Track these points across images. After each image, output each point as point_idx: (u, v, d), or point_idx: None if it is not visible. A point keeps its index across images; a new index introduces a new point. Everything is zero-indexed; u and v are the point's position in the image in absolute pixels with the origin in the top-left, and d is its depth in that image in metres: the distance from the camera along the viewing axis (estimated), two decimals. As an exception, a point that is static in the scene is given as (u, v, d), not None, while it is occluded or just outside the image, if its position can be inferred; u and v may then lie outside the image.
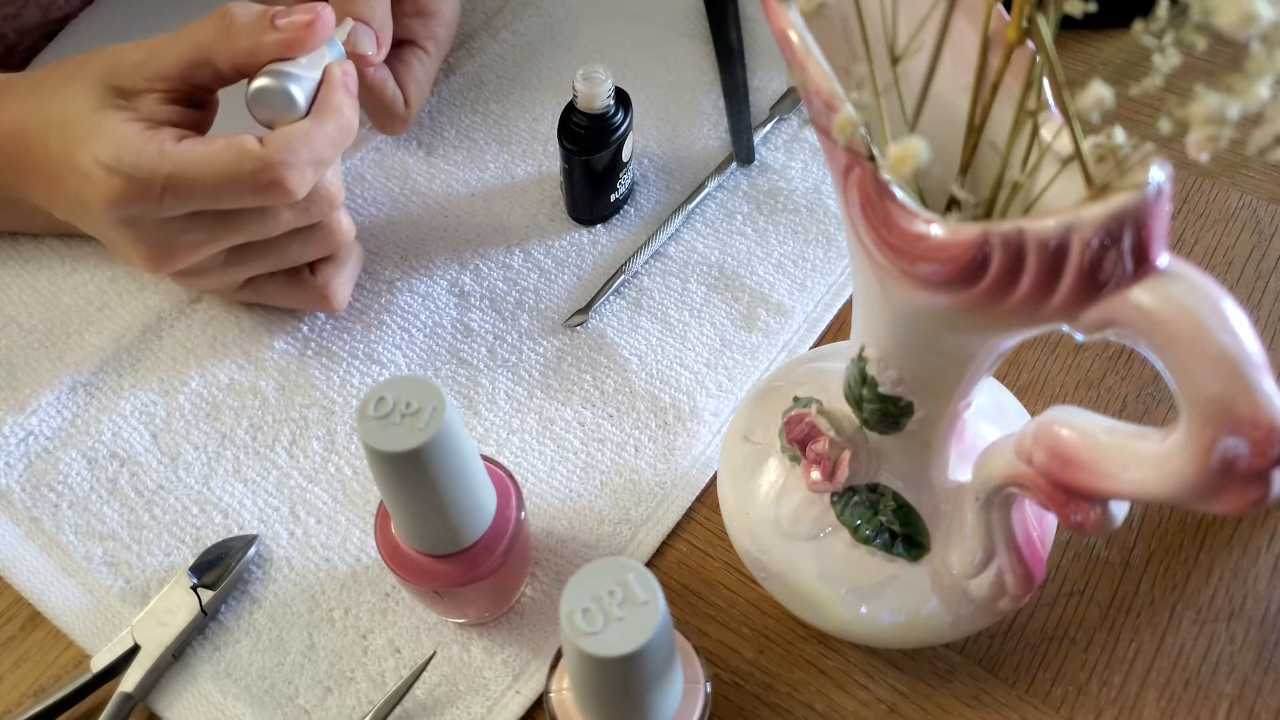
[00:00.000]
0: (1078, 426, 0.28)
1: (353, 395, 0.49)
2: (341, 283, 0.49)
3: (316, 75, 0.44)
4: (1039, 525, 0.36)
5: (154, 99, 0.43)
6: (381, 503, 0.40)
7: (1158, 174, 0.24)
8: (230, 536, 0.45)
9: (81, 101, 0.42)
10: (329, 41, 0.45)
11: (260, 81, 0.42)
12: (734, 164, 0.57)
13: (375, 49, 0.49)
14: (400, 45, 0.54)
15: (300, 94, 0.43)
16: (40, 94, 0.44)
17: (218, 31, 0.43)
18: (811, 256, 0.53)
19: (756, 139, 0.57)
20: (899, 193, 0.26)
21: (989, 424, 0.38)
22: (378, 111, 0.53)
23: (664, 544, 0.46)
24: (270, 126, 0.43)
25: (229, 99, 0.46)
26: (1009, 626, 0.43)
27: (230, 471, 0.47)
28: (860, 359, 0.34)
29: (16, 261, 0.54)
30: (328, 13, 0.43)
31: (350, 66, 0.45)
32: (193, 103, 0.45)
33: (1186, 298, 0.24)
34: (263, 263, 0.47)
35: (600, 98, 0.50)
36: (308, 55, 0.44)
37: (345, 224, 0.47)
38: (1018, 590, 0.35)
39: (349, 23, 0.49)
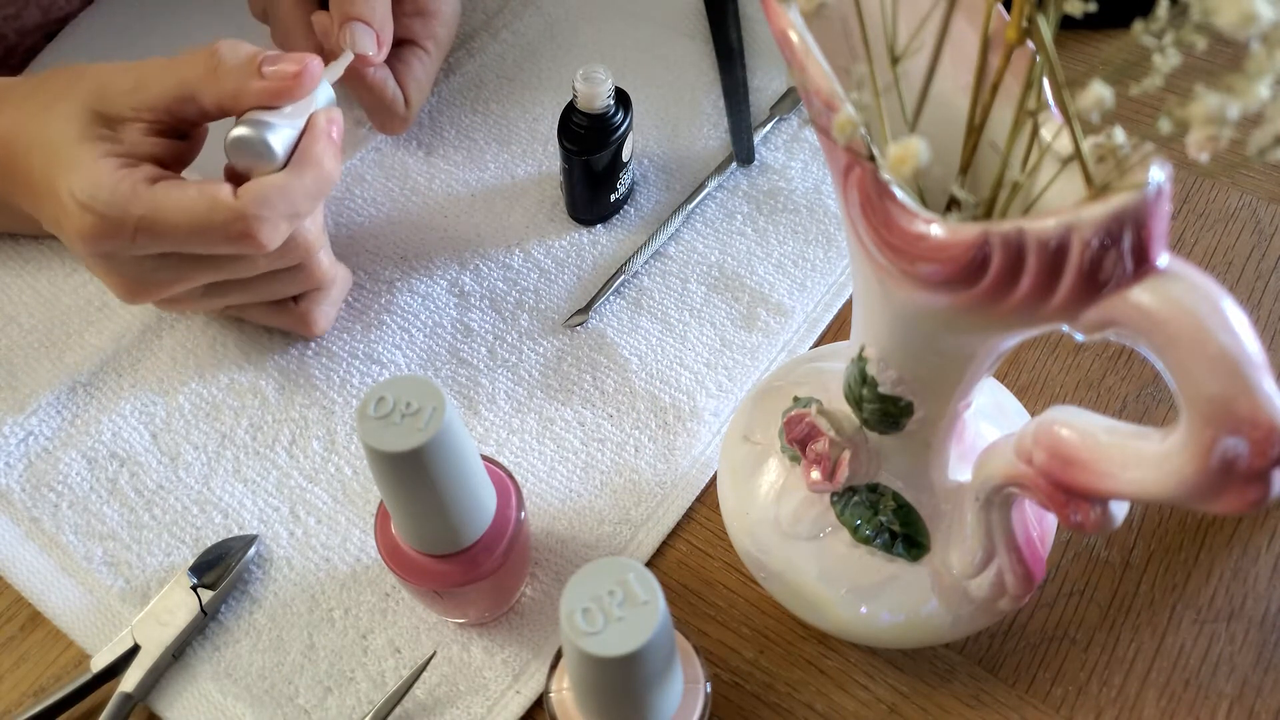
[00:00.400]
0: (1078, 426, 0.28)
1: (353, 395, 0.49)
2: (324, 311, 0.49)
3: (299, 124, 0.43)
4: (1039, 525, 0.36)
5: (139, 129, 0.43)
6: (381, 503, 0.40)
7: (1158, 174, 0.24)
8: (230, 536, 0.45)
9: (66, 126, 0.42)
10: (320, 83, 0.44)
11: (238, 131, 0.42)
12: (734, 164, 0.57)
13: (375, 49, 0.49)
14: (400, 45, 0.54)
15: (279, 145, 0.42)
16: (31, 106, 0.44)
17: (205, 71, 0.42)
18: (811, 256, 0.53)
19: (756, 139, 0.57)
20: (899, 193, 0.26)
21: (989, 424, 0.38)
22: (378, 111, 0.53)
23: (664, 544, 0.46)
24: (247, 175, 0.42)
25: (220, 125, 0.46)
26: (1009, 626, 0.43)
27: (230, 471, 0.47)
28: (860, 359, 0.34)
29: (16, 261, 0.54)
30: (315, 64, 0.43)
31: (337, 115, 0.44)
32: (178, 134, 0.44)
33: (1186, 298, 0.24)
34: (241, 297, 0.47)
35: (600, 98, 0.50)
36: (293, 104, 0.43)
37: (324, 264, 0.47)
38: (1018, 590, 0.35)
39: (347, 57, 0.48)
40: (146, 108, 0.42)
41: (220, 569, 0.44)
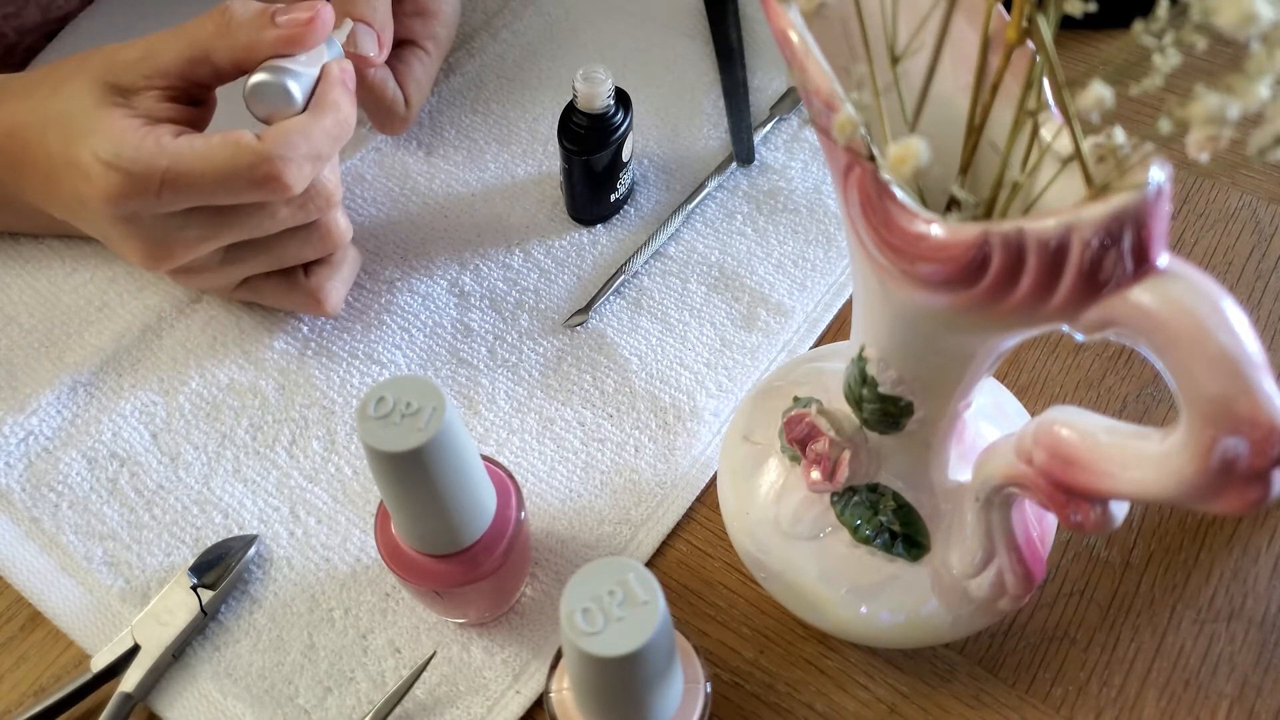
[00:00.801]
0: (1078, 426, 0.28)
1: (353, 395, 0.49)
2: (335, 286, 0.49)
3: (314, 72, 0.44)
4: (1039, 525, 0.36)
5: (152, 96, 0.43)
6: (381, 503, 0.40)
7: (1158, 174, 0.24)
8: (230, 536, 0.45)
9: (80, 99, 0.42)
10: (327, 41, 0.45)
11: (258, 77, 0.43)
12: (734, 164, 0.57)
13: (377, 49, 0.49)
14: (400, 45, 0.54)
15: (298, 89, 0.43)
16: (39, 93, 0.44)
17: (217, 28, 0.43)
18: (811, 256, 0.53)
19: (756, 139, 0.57)
20: (899, 193, 0.26)
21: (989, 424, 0.38)
22: (378, 112, 0.53)
23: (664, 544, 0.46)
24: (268, 122, 0.43)
25: (227, 98, 0.46)
26: (1009, 626, 0.43)
27: (230, 471, 0.47)
28: (860, 359, 0.34)
29: (16, 261, 0.54)
30: (327, 11, 0.44)
31: (348, 65, 0.45)
32: (191, 100, 0.45)
33: (1186, 298, 0.24)
34: (260, 261, 0.47)
35: (600, 98, 0.50)
36: (306, 53, 0.44)
37: (342, 224, 0.47)
38: (1018, 590, 0.35)
39: (348, 24, 0.49)
40: (158, 74, 0.43)
41: (220, 569, 0.44)
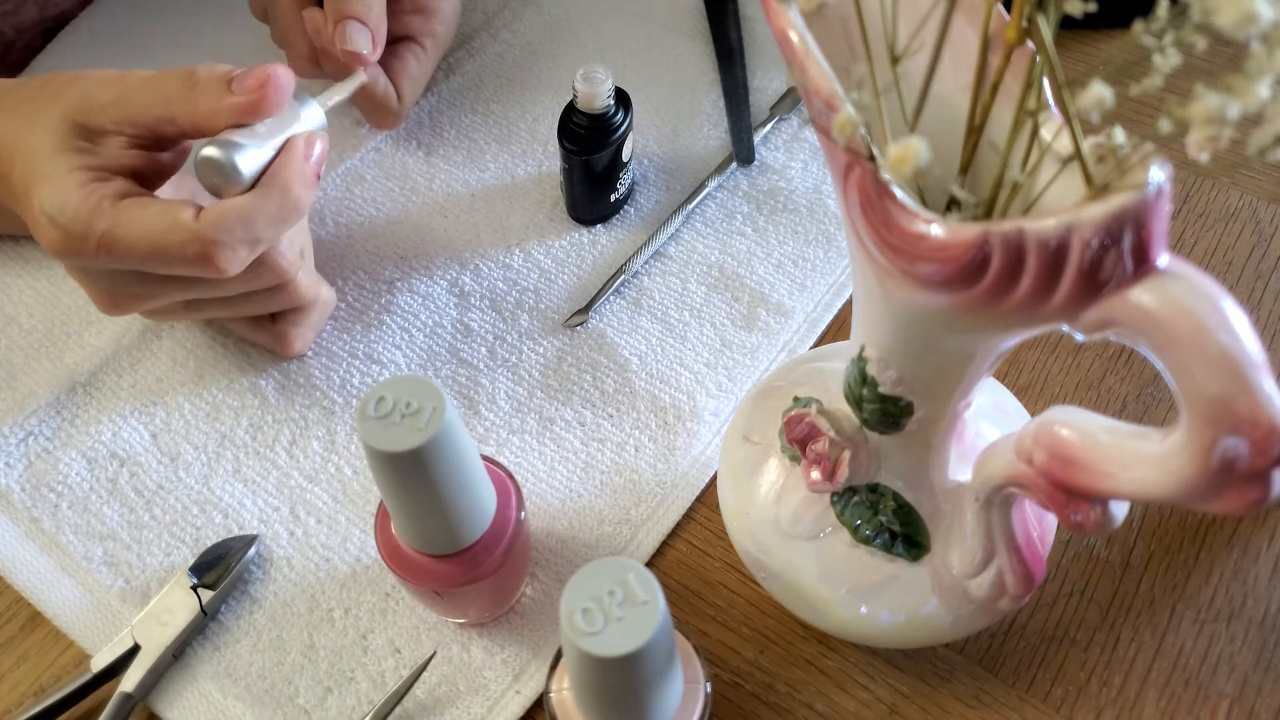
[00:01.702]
0: (1078, 426, 0.28)
1: (353, 395, 0.49)
2: (300, 333, 0.49)
3: (274, 143, 0.42)
4: (1039, 525, 0.36)
5: (119, 143, 0.42)
6: (381, 503, 0.40)
7: (1158, 174, 0.24)
8: (230, 536, 0.45)
9: (46, 138, 0.42)
10: (303, 103, 0.43)
11: (205, 150, 0.41)
12: (734, 164, 0.57)
13: (370, 47, 0.49)
14: (397, 41, 0.54)
15: (245, 166, 0.41)
16: (24, 111, 0.43)
17: (182, 90, 0.42)
18: (811, 256, 0.53)
19: (756, 139, 0.57)
20: (899, 193, 0.26)
21: (989, 424, 0.38)
22: (368, 107, 0.53)
23: (664, 544, 0.46)
24: (217, 194, 0.41)
25: None
26: (1009, 626, 0.43)
27: (230, 471, 0.47)
28: (860, 359, 0.34)
29: (16, 261, 0.54)
30: (283, 76, 0.42)
31: (321, 139, 0.43)
32: (159, 147, 0.44)
33: (1186, 298, 0.24)
34: (221, 313, 0.47)
35: (600, 98, 0.50)
36: (269, 121, 0.42)
37: (303, 285, 0.46)
38: (1018, 590, 0.35)
39: (357, 78, 0.48)
40: (127, 122, 0.42)
41: (220, 569, 0.44)
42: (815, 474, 0.36)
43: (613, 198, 0.54)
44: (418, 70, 0.54)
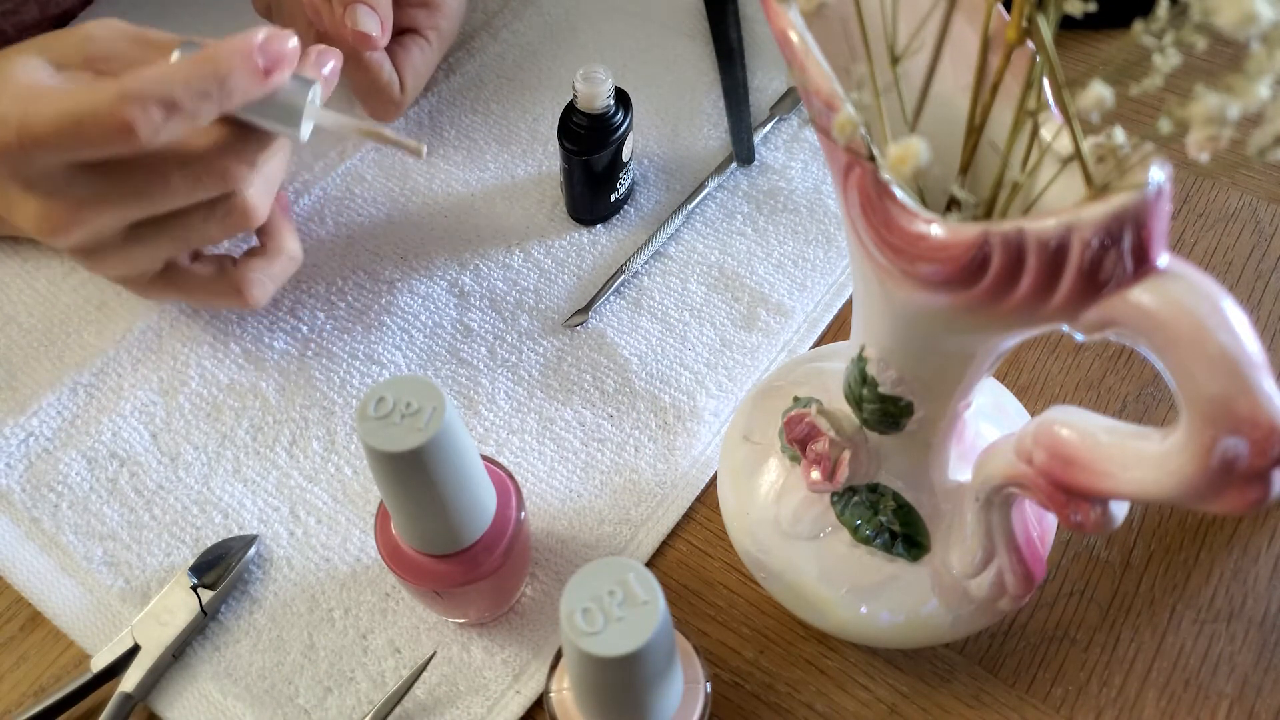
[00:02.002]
0: (1078, 426, 0.28)
1: (353, 395, 0.49)
2: (260, 279, 0.47)
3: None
4: (1039, 525, 0.36)
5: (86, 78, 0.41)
6: (381, 503, 0.40)
7: (1158, 174, 0.24)
8: (230, 536, 0.45)
9: (9, 65, 0.41)
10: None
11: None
12: (734, 164, 0.57)
13: (378, 30, 0.49)
14: (402, 33, 0.54)
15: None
16: None
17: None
18: (811, 256, 0.53)
19: (756, 139, 0.57)
20: (899, 193, 0.26)
21: (989, 424, 0.38)
22: (371, 94, 0.53)
23: (664, 544, 0.46)
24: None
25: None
26: (1009, 626, 0.43)
27: (230, 471, 0.47)
28: (860, 359, 0.34)
29: (16, 261, 0.54)
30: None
31: (290, 53, 0.41)
32: None
33: (1186, 298, 0.24)
34: (164, 241, 0.44)
35: (600, 98, 0.50)
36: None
37: (254, 200, 0.44)
38: (1018, 590, 0.35)
39: (379, 126, 0.46)
40: (100, 57, 0.42)
41: (220, 569, 0.44)
42: (815, 474, 0.36)
43: (613, 198, 0.54)
44: (421, 62, 0.54)
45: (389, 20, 0.50)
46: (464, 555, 0.38)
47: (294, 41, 0.41)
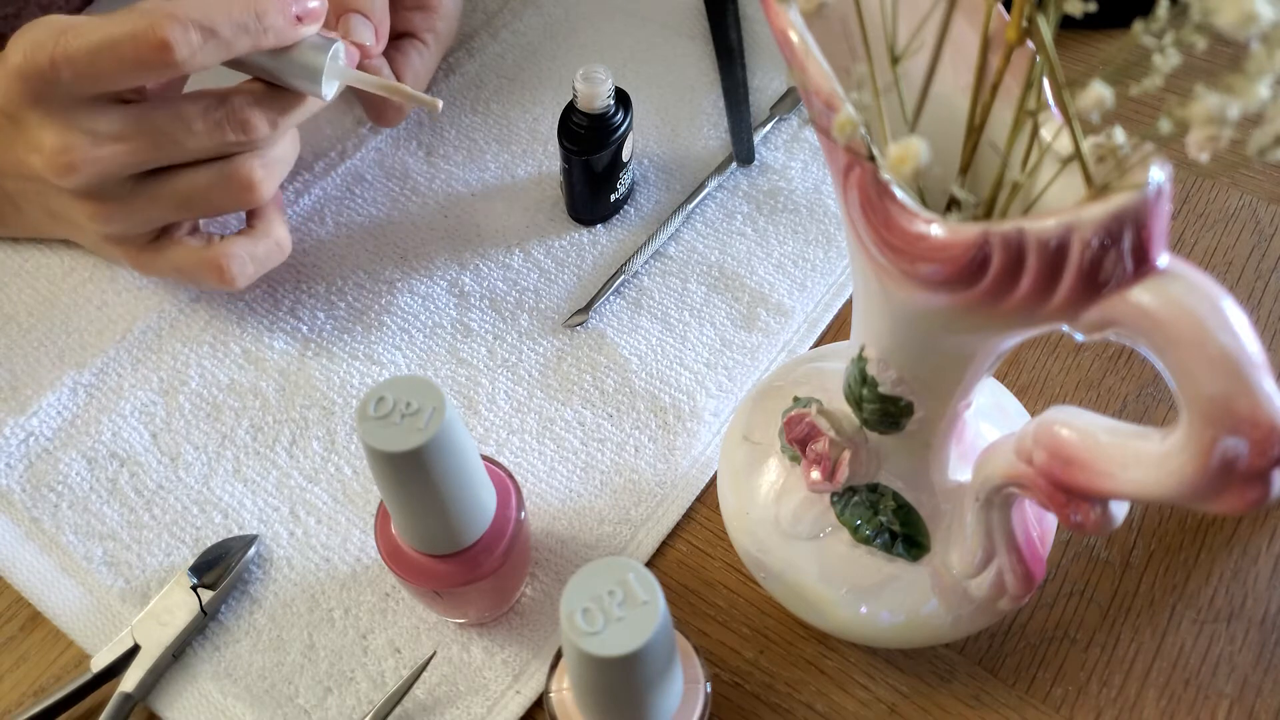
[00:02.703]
0: (1078, 426, 0.28)
1: (353, 395, 0.49)
2: (240, 254, 0.47)
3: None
4: (1039, 525, 0.36)
5: None
6: (381, 503, 0.40)
7: (1158, 174, 0.24)
8: (230, 536, 0.45)
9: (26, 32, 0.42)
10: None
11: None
12: (734, 164, 0.57)
13: (373, 40, 0.49)
14: (399, 37, 0.54)
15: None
16: None
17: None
18: (811, 256, 0.53)
19: (756, 139, 0.57)
20: (899, 193, 0.26)
21: (989, 424, 0.38)
22: (372, 103, 0.53)
23: (664, 544, 0.46)
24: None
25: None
26: (1009, 626, 0.43)
27: (230, 471, 0.47)
28: (860, 359, 0.34)
29: (16, 261, 0.54)
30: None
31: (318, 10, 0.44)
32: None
33: (1186, 298, 0.24)
34: (169, 198, 0.45)
35: (600, 98, 0.50)
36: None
37: (260, 173, 0.46)
38: (1018, 590, 0.35)
39: (394, 82, 0.48)
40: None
41: (220, 569, 0.44)
42: (815, 474, 0.36)
43: (613, 198, 0.54)
44: (420, 66, 0.54)
45: (385, 28, 0.50)
46: (464, 555, 0.38)
47: (322, 1, 0.44)
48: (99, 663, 0.41)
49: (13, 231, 0.53)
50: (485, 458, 0.40)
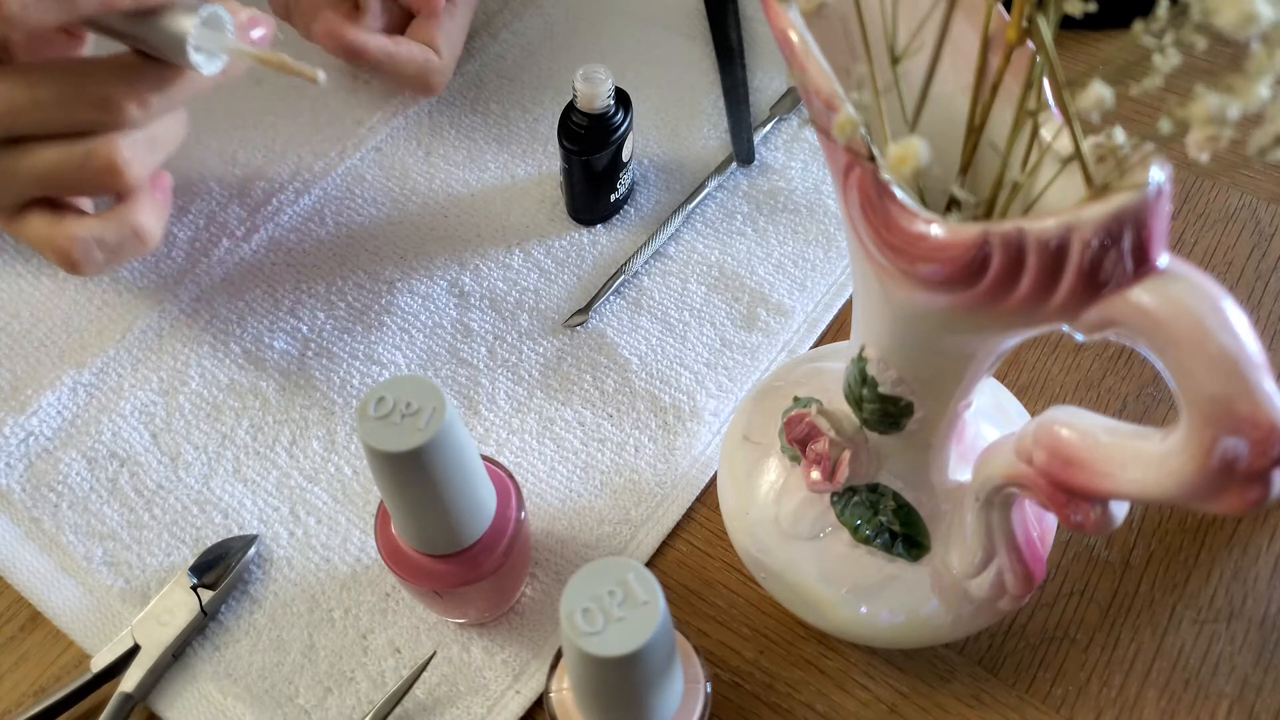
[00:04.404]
0: (1078, 426, 0.28)
1: (353, 395, 0.49)
2: (85, 238, 0.42)
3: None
4: (1039, 525, 0.36)
5: None
6: (381, 503, 0.40)
7: (1158, 174, 0.24)
8: (230, 536, 0.45)
9: None
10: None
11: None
12: (734, 164, 0.57)
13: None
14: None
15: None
16: None
17: None
18: (811, 256, 0.53)
19: (756, 139, 0.57)
20: (899, 193, 0.26)
21: (989, 424, 0.38)
22: (413, 76, 0.52)
23: (664, 544, 0.46)
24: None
25: None
26: (1009, 626, 0.43)
27: (230, 471, 0.47)
28: (860, 359, 0.34)
29: (16, 261, 0.54)
30: None
31: None
32: None
33: (1186, 298, 0.24)
34: (23, 171, 0.40)
35: (600, 98, 0.50)
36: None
37: (124, 154, 0.40)
38: (1018, 590, 0.35)
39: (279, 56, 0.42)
40: None
41: (220, 569, 0.44)
42: (815, 474, 0.36)
43: (613, 198, 0.54)
44: (453, 27, 0.54)
45: None
46: (464, 555, 0.38)
47: None
48: (99, 663, 0.41)
49: None
50: (485, 458, 0.40)
